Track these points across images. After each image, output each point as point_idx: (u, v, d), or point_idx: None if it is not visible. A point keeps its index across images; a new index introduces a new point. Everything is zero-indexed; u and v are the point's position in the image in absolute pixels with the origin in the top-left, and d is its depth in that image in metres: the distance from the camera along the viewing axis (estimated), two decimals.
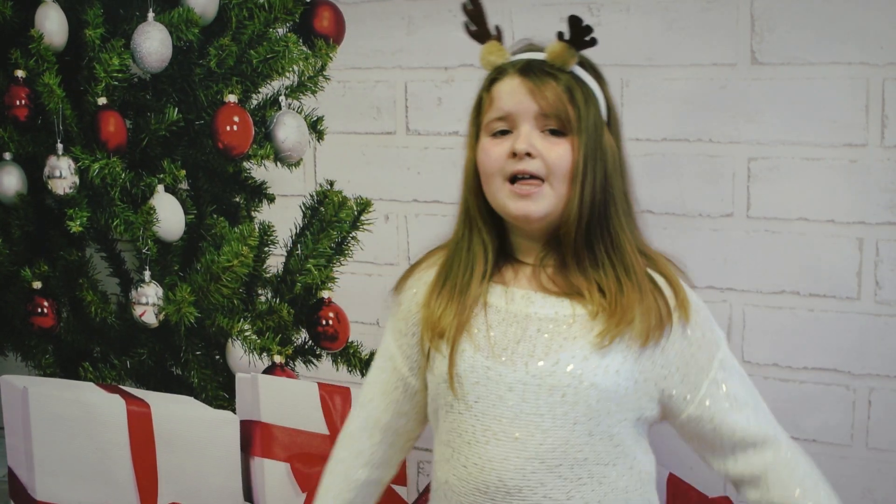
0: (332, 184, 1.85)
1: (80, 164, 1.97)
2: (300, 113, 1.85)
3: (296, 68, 1.83)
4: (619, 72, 1.60)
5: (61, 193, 1.99)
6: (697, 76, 1.56)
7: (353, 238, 1.84)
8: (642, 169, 1.61)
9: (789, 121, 1.51)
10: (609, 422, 1.15)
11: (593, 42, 1.16)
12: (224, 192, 1.93)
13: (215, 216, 1.93)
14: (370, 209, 1.83)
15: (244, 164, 1.90)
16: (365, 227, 1.83)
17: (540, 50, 1.19)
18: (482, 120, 1.17)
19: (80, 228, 1.97)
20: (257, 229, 1.91)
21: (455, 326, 1.16)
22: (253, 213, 1.92)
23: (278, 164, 1.87)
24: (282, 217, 1.90)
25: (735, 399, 1.20)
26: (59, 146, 1.99)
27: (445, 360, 1.17)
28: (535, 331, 1.14)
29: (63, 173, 1.99)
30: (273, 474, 1.90)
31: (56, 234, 2.09)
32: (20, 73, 2.02)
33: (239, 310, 1.93)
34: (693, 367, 1.18)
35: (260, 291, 1.92)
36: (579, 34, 1.15)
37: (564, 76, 1.15)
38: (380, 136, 1.80)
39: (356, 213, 1.83)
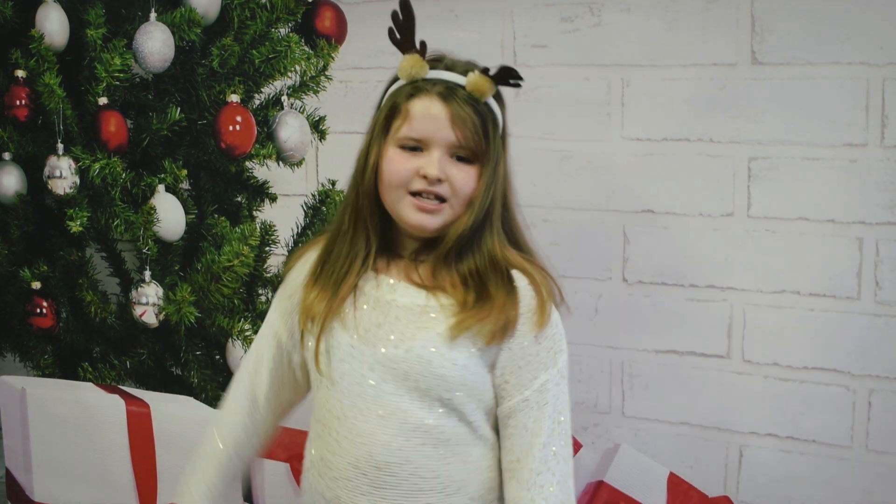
0: (333, 183, 1.85)
1: (80, 164, 1.97)
2: (302, 113, 1.85)
3: (298, 68, 1.84)
4: (619, 72, 1.61)
5: (61, 193, 1.99)
6: (697, 76, 1.56)
7: None
8: (642, 169, 1.62)
9: (789, 121, 1.52)
10: (464, 410, 1.20)
11: (517, 86, 1.20)
12: (226, 192, 1.94)
13: (216, 216, 1.93)
14: None
15: (246, 163, 1.91)
16: None
17: (454, 69, 1.22)
18: (392, 128, 1.21)
19: (81, 228, 1.97)
20: (258, 229, 1.91)
21: (326, 311, 1.21)
22: (255, 212, 1.92)
23: (280, 163, 1.87)
24: (283, 217, 1.90)
25: (529, 431, 1.21)
26: (60, 146, 1.99)
27: (311, 338, 1.23)
28: (393, 317, 1.20)
29: (63, 173, 1.98)
30: (273, 474, 1.90)
31: (56, 234, 2.09)
32: (20, 73, 2.02)
33: (239, 310, 1.93)
34: (518, 375, 1.20)
35: (260, 291, 1.92)
36: (506, 78, 1.19)
37: (480, 107, 1.20)
38: None
39: None
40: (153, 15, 1.88)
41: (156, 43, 1.87)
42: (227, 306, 1.93)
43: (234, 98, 1.86)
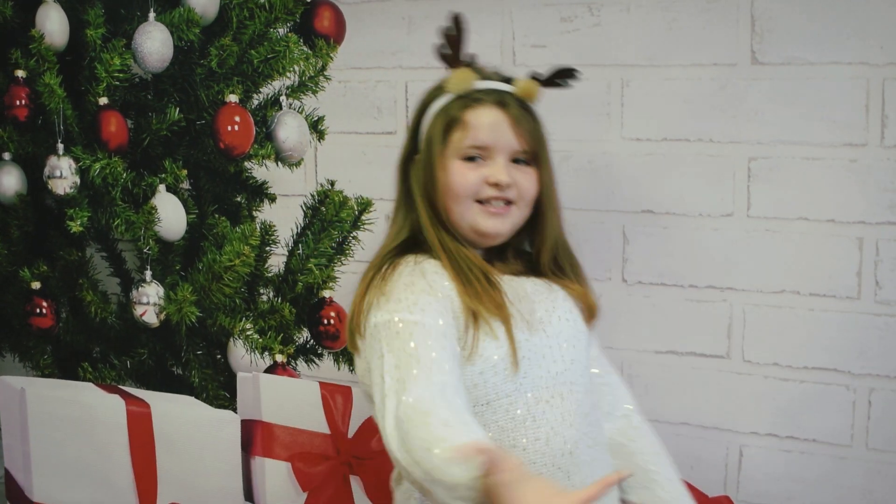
0: (332, 183, 1.85)
1: (80, 164, 1.97)
2: (301, 113, 1.85)
3: (297, 68, 1.83)
4: (619, 72, 1.61)
5: (62, 193, 1.99)
6: (697, 76, 1.56)
7: (353, 238, 1.85)
8: (642, 169, 1.61)
9: (789, 121, 1.52)
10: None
11: (568, 85, 1.29)
12: (225, 192, 1.94)
13: (217, 216, 1.93)
14: (371, 209, 1.83)
15: (245, 163, 1.91)
16: (366, 226, 1.83)
17: (495, 78, 1.27)
18: (451, 141, 1.23)
19: (81, 228, 1.97)
20: (259, 229, 1.91)
21: (500, 312, 1.22)
22: (254, 212, 1.92)
23: (279, 163, 1.87)
24: (283, 217, 1.90)
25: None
26: (60, 146, 1.99)
27: (499, 342, 1.19)
28: (532, 302, 1.26)
29: (63, 173, 1.98)
30: (274, 474, 1.90)
31: (56, 234, 2.09)
32: (20, 73, 2.02)
33: (240, 309, 1.93)
34: None
35: (261, 291, 1.92)
36: (555, 80, 1.27)
37: (532, 111, 1.27)
38: (380, 135, 1.80)
39: (357, 212, 1.84)
40: (152, 15, 1.88)
41: (154, 43, 1.87)
42: (228, 306, 1.93)
43: (233, 98, 1.85)
